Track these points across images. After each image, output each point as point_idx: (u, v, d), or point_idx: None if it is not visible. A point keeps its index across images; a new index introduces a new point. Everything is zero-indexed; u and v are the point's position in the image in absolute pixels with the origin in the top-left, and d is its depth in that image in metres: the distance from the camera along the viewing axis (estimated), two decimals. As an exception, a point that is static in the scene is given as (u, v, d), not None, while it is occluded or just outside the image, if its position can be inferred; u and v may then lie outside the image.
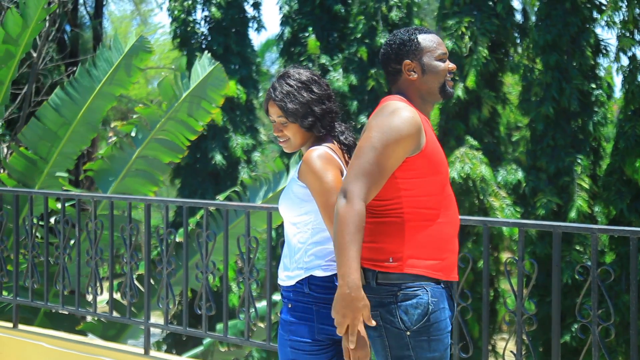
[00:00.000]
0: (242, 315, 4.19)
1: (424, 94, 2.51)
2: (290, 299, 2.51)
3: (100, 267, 4.74)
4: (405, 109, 2.40)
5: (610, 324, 3.17)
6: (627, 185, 10.44)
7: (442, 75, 2.50)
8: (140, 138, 7.40)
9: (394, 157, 2.35)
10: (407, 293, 2.35)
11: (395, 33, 2.54)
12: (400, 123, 2.36)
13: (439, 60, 2.49)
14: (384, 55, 2.53)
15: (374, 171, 2.33)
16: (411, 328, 2.34)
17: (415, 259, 2.37)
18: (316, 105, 2.53)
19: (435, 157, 2.43)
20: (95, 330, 7.34)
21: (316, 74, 2.61)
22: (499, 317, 11.88)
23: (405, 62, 2.49)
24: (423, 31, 2.52)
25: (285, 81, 2.55)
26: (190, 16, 14.71)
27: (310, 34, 14.34)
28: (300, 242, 2.50)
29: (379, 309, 2.37)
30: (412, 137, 2.36)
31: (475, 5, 12.23)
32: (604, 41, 11.54)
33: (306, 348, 2.47)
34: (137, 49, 7.22)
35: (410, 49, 2.49)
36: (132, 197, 4.89)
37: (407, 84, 2.50)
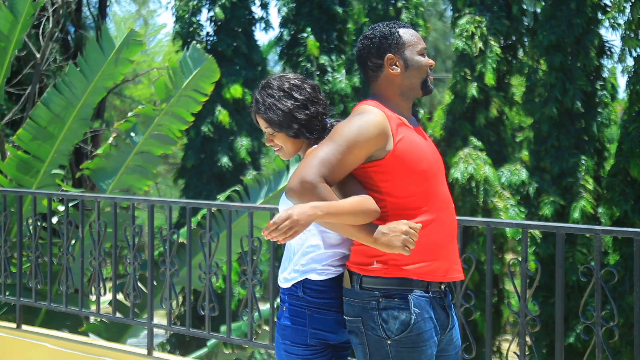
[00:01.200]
0: (245, 316, 4.19)
1: (405, 89, 2.45)
2: (285, 301, 2.50)
3: (104, 267, 4.73)
4: (372, 112, 2.36)
5: (614, 325, 3.16)
6: (631, 186, 10.42)
7: (424, 70, 2.45)
8: (137, 136, 7.43)
9: (353, 154, 2.31)
10: (389, 300, 2.31)
11: (374, 27, 2.48)
12: (362, 123, 2.33)
13: (420, 55, 2.45)
14: (362, 49, 2.46)
15: (330, 159, 2.29)
16: (392, 337, 2.30)
17: (399, 261, 2.33)
18: (299, 111, 2.49)
19: (411, 155, 2.36)
20: (97, 330, 7.35)
21: (300, 78, 2.56)
22: (504, 318, 11.86)
23: (388, 56, 2.43)
24: (402, 25, 2.48)
25: (266, 92, 2.53)
26: (195, 16, 14.71)
27: (309, 35, 14.34)
28: (298, 244, 2.49)
29: (361, 315, 2.34)
30: (373, 139, 2.32)
31: (486, 7, 12.24)
32: (608, 42, 11.53)
33: (299, 352, 2.45)
34: (128, 42, 7.24)
35: (392, 42, 2.43)
36: (135, 197, 4.89)
37: (388, 80, 2.45)
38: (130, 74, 22.01)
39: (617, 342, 9.41)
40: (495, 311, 11.84)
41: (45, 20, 11.59)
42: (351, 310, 2.38)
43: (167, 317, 4.44)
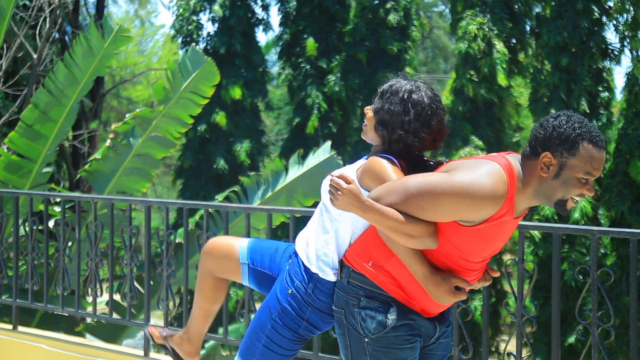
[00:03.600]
0: (242, 318, 4.19)
1: (540, 191, 2.24)
2: (293, 283, 2.50)
3: (100, 268, 4.73)
4: (501, 178, 2.19)
5: (610, 326, 3.16)
6: (628, 187, 10.43)
7: (571, 193, 2.23)
8: (135, 138, 7.42)
9: (443, 210, 2.18)
10: (370, 301, 2.34)
11: (570, 117, 2.22)
12: (481, 184, 2.16)
13: (580, 180, 2.20)
14: (540, 128, 2.23)
15: (408, 199, 2.19)
16: (369, 335, 2.33)
17: (395, 273, 2.34)
18: (397, 124, 2.37)
19: (490, 238, 2.25)
20: (93, 331, 7.34)
21: (435, 104, 2.39)
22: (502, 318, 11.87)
23: (547, 154, 2.21)
24: (592, 138, 2.18)
25: (398, 97, 2.39)
26: (195, 15, 14.68)
27: (309, 36, 14.33)
28: (332, 230, 2.44)
29: (344, 308, 2.38)
30: (480, 204, 2.17)
31: (487, 8, 12.26)
32: (611, 45, 11.56)
33: (286, 335, 2.50)
34: (116, 38, 7.24)
35: (564, 148, 2.19)
36: (132, 198, 4.88)
37: (533, 170, 2.23)
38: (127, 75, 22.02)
39: (613, 342, 9.42)
40: (494, 312, 11.84)
41: (42, 20, 11.58)
42: (337, 301, 2.43)
43: (164, 318, 4.43)
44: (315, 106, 14.15)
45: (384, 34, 13.83)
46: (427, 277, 2.27)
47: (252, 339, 2.54)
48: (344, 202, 2.22)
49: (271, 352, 2.52)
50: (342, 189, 2.21)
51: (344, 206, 2.23)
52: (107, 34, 7.28)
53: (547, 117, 2.24)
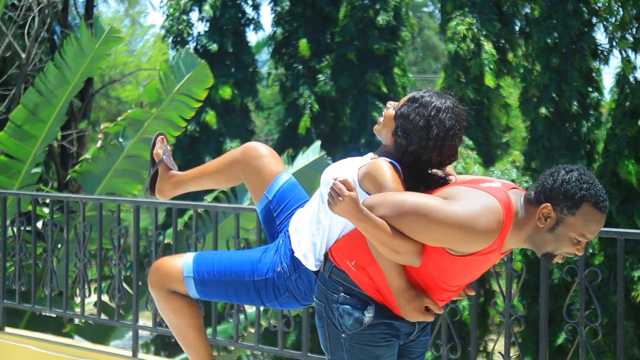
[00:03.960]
0: (231, 318, 4.18)
1: (531, 239, 2.22)
2: (281, 264, 2.53)
3: (89, 269, 4.71)
4: (497, 217, 2.17)
5: (597, 325, 3.17)
6: (617, 187, 10.49)
7: (561, 249, 2.20)
8: (126, 140, 7.40)
9: (434, 236, 2.18)
10: (348, 297, 2.36)
11: (580, 175, 2.18)
12: (477, 221, 2.14)
13: (574, 240, 2.19)
14: (549, 177, 2.20)
15: (402, 216, 2.18)
16: (346, 331, 2.36)
17: (377, 278, 2.36)
18: (416, 138, 2.33)
19: (475, 267, 2.26)
20: (81, 332, 7.31)
21: (455, 130, 2.34)
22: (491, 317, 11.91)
23: (548, 206, 2.18)
24: (595, 202, 2.16)
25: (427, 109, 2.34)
26: (185, 15, 14.65)
27: (302, 36, 14.31)
28: (325, 222, 2.46)
29: (324, 302, 2.41)
30: (471, 240, 2.16)
31: (476, 9, 12.29)
32: (601, 45, 11.62)
33: (251, 295, 2.56)
34: (107, 39, 7.21)
35: (566, 204, 2.17)
36: (121, 198, 4.87)
37: (531, 215, 2.21)
38: (117, 75, 21.95)
39: (601, 341, 9.46)
40: (482, 311, 11.87)
41: (31, 20, 11.53)
42: (318, 294, 2.45)
43: (153, 319, 4.42)
44: (307, 106, 14.15)
45: (372, 34, 13.84)
46: (402, 291, 2.29)
47: (218, 274, 2.57)
48: (342, 209, 2.22)
49: (224, 290, 2.57)
50: (343, 196, 2.20)
51: (340, 212, 2.23)
52: (98, 34, 7.26)
53: (560, 168, 2.22)
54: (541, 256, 2.24)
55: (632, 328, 9.52)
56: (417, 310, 2.29)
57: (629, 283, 9.67)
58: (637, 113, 10.34)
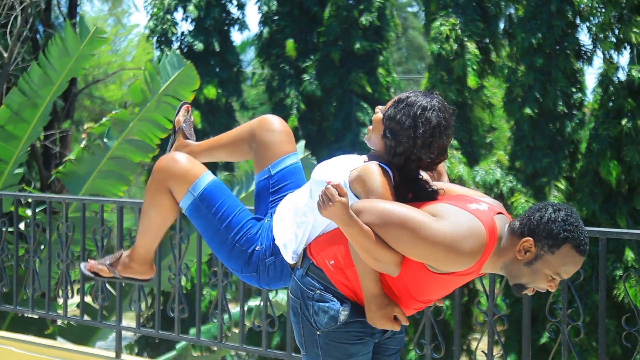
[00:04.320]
0: (215, 318, 4.18)
1: (509, 267, 2.25)
2: (261, 245, 2.55)
3: (72, 270, 4.68)
4: (481, 242, 2.19)
5: (579, 323, 3.20)
6: (599, 186, 10.56)
7: (535, 284, 2.24)
8: (111, 140, 7.36)
9: (416, 251, 2.19)
10: (324, 295, 2.37)
11: (567, 216, 2.20)
12: (461, 243, 2.17)
13: (550, 278, 2.22)
14: (537, 212, 2.22)
15: (387, 226, 2.19)
16: (321, 329, 2.37)
17: (350, 283, 2.37)
18: (404, 137, 2.34)
19: (452, 283, 2.28)
20: (64, 333, 7.27)
21: (442, 128, 2.34)
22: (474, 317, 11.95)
23: (530, 240, 2.20)
24: (577, 245, 2.18)
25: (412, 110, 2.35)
26: (169, 14, 14.60)
27: (288, 36, 14.30)
28: (311, 216, 2.46)
29: (299, 299, 2.41)
30: (452, 261, 2.19)
31: (460, 9, 12.33)
32: (584, 46, 11.69)
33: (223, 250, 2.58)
34: (92, 39, 7.18)
35: (548, 242, 2.19)
36: (104, 199, 4.85)
37: (512, 246, 2.23)
38: (100, 75, 21.82)
39: (584, 339, 9.53)
40: (466, 310, 11.92)
41: (14, 19, 11.44)
42: (294, 290, 2.46)
43: (136, 319, 4.40)
44: (294, 106, 14.15)
45: (355, 34, 13.85)
46: (374, 297, 2.31)
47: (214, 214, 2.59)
48: (331, 213, 2.23)
49: (207, 227, 2.60)
50: (334, 201, 2.21)
51: (328, 215, 2.24)
52: (83, 34, 7.21)
53: (549, 205, 2.23)
54: (512, 285, 2.27)
55: (614, 326, 9.58)
56: (386, 317, 2.31)
57: (610, 282, 9.74)
58: (620, 113, 10.42)
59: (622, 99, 10.34)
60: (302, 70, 14.30)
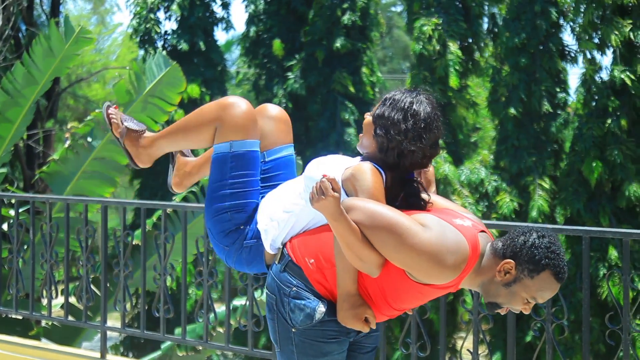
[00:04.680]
0: (200, 318, 4.16)
1: (487, 285, 2.28)
2: (247, 225, 2.54)
3: (56, 270, 4.65)
4: (463, 258, 2.22)
5: (564, 322, 3.22)
6: (583, 185, 10.62)
7: (510, 305, 2.28)
8: (95, 140, 7.31)
9: (398, 257, 2.21)
10: (300, 293, 2.37)
11: (550, 244, 2.24)
12: (445, 257, 2.19)
13: (525, 299, 2.26)
14: (521, 235, 2.26)
15: (375, 228, 2.21)
16: (296, 326, 2.37)
17: (328, 282, 2.38)
18: (395, 131, 2.35)
19: (432, 293, 2.30)
20: (48, 334, 7.22)
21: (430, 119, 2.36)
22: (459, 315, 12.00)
23: (511, 262, 2.24)
24: (556, 273, 2.22)
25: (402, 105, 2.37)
26: (152, 13, 14.53)
27: (275, 36, 14.28)
28: (297, 210, 2.46)
29: (275, 295, 2.41)
30: (434, 273, 2.21)
31: (443, 9, 12.35)
32: (568, 46, 11.76)
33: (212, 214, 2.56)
34: (77, 39, 7.13)
35: (528, 267, 2.22)
36: (88, 198, 4.82)
37: (493, 265, 2.26)
38: (84, 73, 21.69)
39: (568, 337, 9.59)
40: (451, 309, 11.96)
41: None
42: (270, 286, 2.45)
43: (121, 320, 4.38)
44: (282, 106, 14.15)
45: (338, 33, 13.85)
46: (349, 295, 2.32)
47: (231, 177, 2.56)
48: (322, 205, 2.24)
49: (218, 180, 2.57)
50: (328, 195, 2.22)
51: (319, 208, 2.25)
52: (68, 34, 7.17)
53: (533, 231, 2.27)
54: (487, 303, 2.31)
55: (597, 324, 9.65)
56: (357, 317, 2.32)
57: (594, 280, 9.81)
58: (603, 113, 10.50)
59: (605, 99, 10.41)
60: (289, 70, 14.28)
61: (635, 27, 10.25)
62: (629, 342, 3.13)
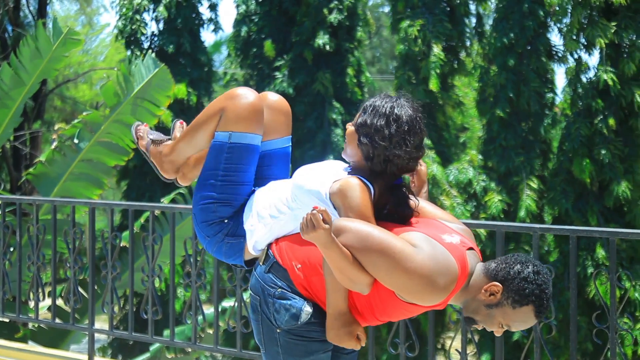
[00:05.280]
0: (189, 319, 4.15)
1: (469, 303, 2.29)
2: (230, 220, 2.52)
3: (43, 272, 4.63)
4: (452, 280, 2.22)
5: (552, 321, 3.23)
6: (571, 185, 10.67)
7: (485, 324, 2.29)
8: (83, 142, 7.28)
9: (390, 279, 2.21)
10: (285, 293, 2.37)
11: (544, 282, 2.25)
12: (435, 280, 2.19)
13: (501, 324, 2.28)
14: (517, 264, 2.26)
15: (366, 251, 2.20)
16: (281, 327, 2.37)
17: (314, 287, 2.37)
18: (379, 137, 2.35)
19: (400, 312, 2.31)
20: (35, 337, 7.18)
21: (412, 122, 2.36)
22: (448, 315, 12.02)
23: (499, 287, 2.24)
24: (538, 308, 2.24)
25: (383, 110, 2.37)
26: (138, 14, 14.48)
27: (267, 36, 14.27)
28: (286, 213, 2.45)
29: (259, 296, 2.40)
30: (423, 296, 2.21)
31: (428, 9, 12.37)
32: (555, 47, 11.81)
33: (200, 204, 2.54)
34: (65, 40, 7.09)
35: (513, 297, 2.23)
36: (75, 200, 4.80)
37: (480, 285, 2.27)
38: (71, 74, 21.59)
39: (556, 336, 9.63)
40: (439, 310, 12.01)
41: (-18, 18, 11.28)
42: (253, 287, 2.44)
43: (109, 322, 4.36)
44: (272, 106, 14.15)
45: (324, 32, 13.84)
46: (341, 314, 2.32)
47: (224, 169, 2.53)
48: (313, 237, 2.22)
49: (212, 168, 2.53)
50: (319, 228, 2.20)
51: (310, 239, 2.24)
52: (55, 35, 7.13)
53: (530, 263, 2.26)
54: (464, 317, 2.33)
55: (585, 323, 9.69)
56: (351, 335, 2.32)
57: (582, 279, 9.85)
58: (590, 113, 10.55)
59: (591, 99, 10.46)
60: (277, 70, 14.28)
61: (620, 29, 10.31)
62: (616, 341, 3.14)
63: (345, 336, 2.31)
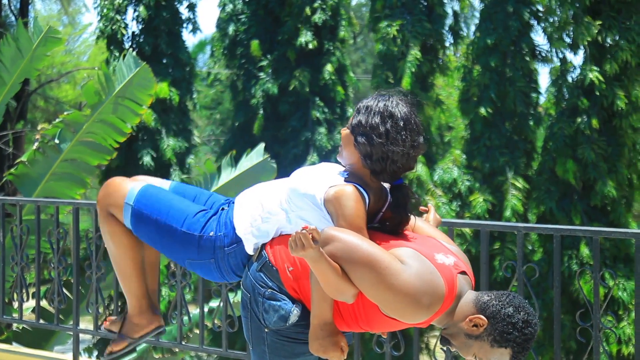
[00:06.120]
0: (174, 319, 4.14)
1: (452, 327, 2.28)
2: (217, 232, 2.49)
3: (27, 273, 4.60)
4: (439, 302, 2.21)
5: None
6: (555, 184, 10.74)
7: (460, 351, 2.29)
8: (64, 142, 7.23)
9: (376, 293, 2.20)
10: (275, 294, 2.36)
11: (527, 325, 2.23)
12: (421, 300, 2.18)
13: (475, 357, 2.27)
14: (508, 306, 2.23)
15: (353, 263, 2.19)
16: (269, 326, 2.36)
17: (303, 289, 2.37)
18: (375, 135, 2.34)
19: (383, 325, 2.31)
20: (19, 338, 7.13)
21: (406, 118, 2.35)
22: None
23: (486, 322, 2.23)
24: (515, 353, 2.23)
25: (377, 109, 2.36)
26: (119, 15, 14.42)
27: (253, 36, 14.26)
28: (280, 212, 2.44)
29: (250, 293, 2.40)
30: (408, 314, 2.21)
31: (407, 9, 12.39)
32: (539, 46, 11.87)
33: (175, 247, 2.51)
34: (46, 38, 7.05)
35: (495, 337, 2.22)
36: (59, 200, 4.77)
37: (466, 314, 2.25)
38: (54, 74, 21.46)
39: (540, 335, 9.69)
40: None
41: (-36, 18, 11.18)
42: (245, 284, 2.44)
43: (94, 322, 4.34)
44: (260, 107, 14.13)
45: (307, 32, 13.84)
46: (326, 324, 2.31)
47: (155, 212, 2.52)
48: (302, 255, 2.21)
49: (155, 231, 2.52)
50: (307, 249, 2.18)
51: (300, 256, 2.22)
52: (36, 34, 7.08)
53: (523, 312, 2.24)
54: (441, 338, 2.33)
55: (569, 322, 9.76)
56: (336, 345, 2.31)
57: (567, 278, 9.91)
58: (575, 112, 10.62)
59: (576, 98, 10.53)
60: (261, 70, 14.27)
61: (604, 28, 10.38)
62: (600, 339, 3.17)
63: (330, 346, 2.30)
